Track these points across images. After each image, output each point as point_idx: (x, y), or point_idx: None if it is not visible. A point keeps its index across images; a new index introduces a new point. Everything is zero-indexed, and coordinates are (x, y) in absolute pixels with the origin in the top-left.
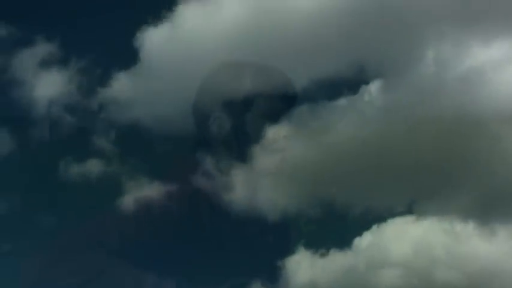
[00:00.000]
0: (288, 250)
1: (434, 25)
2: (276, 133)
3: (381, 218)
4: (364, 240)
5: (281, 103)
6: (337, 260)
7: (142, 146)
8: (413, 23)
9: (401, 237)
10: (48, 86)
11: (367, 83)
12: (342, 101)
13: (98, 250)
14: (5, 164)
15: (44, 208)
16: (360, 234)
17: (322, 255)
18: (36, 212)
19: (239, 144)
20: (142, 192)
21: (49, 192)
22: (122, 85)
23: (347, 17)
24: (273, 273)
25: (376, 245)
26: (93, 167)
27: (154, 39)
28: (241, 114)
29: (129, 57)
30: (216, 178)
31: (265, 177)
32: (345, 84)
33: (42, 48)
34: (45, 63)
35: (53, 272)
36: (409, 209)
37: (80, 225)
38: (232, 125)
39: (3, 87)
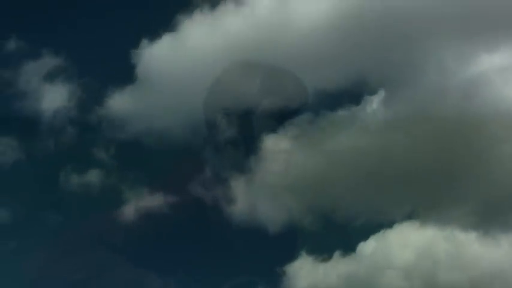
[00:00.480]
0: (290, 256)
1: (436, 37)
2: (278, 143)
3: (383, 225)
4: (368, 247)
5: (283, 112)
6: (339, 266)
7: (143, 158)
8: (415, 35)
9: (404, 244)
10: (52, 99)
11: (369, 94)
12: (345, 112)
13: (97, 260)
14: (8, 172)
15: (46, 213)
16: (362, 240)
17: (324, 260)
18: (38, 217)
19: (239, 154)
20: (142, 203)
21: (51, 198)
22: (123, 99)
23: (350, 30)
24: (275, 279)
25: (379, 251)
26: (94, 177)
27: (154, 55)
28: (242, 124)
29: (129, 72)
30: (217, 188)
31: (266, 187)
32: (347, 96)
33: (49, 62)
34: (51, 77)
35: (52, 270)
36: (411, 217)
37: (80, 232)
38: (232, 135)
39: (10, 99)
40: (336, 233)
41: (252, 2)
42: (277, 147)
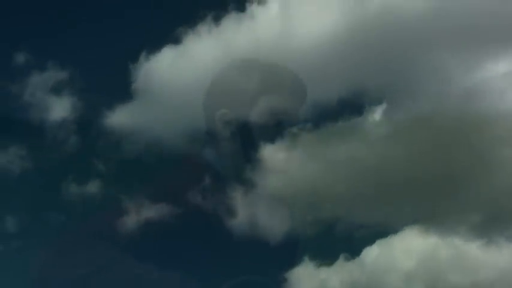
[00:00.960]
0: (291, 265)
1: (439, 48)
2: (278, 153)
3: (386, 232)
4: (371, 253)
5: (284, 121)
6: (343, 272)
7: (142, 169)
8: (418, 46)
9: (407, 251)
10: (55, 111)
11: (371, 104)
12: (346, 123)
13: (95, 270)
14: (12, 183)
15: (49, 218)
16: (366, 246)
17: (327, 265)
18: (41, 222)
19: (239, 164)
20: (141, 215)
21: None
22: (125, 111)
23: (352, 43)
24: (277, 285)
25: (382, 258)
26: (95, 188)
27: (155, 68)
28: (242, 134)
29: (131, 85)
30: (217, 198)
31: (267, 197)
32: (349, 106)
33: (54, 75)
34: (55, 89)
35: (53, 277)
36: (414, 224)
37: (80, 238)
38: (232, 146)
39: (16, 110)
40: (339, 240)
41: (256, 16)
42: (277, 157)
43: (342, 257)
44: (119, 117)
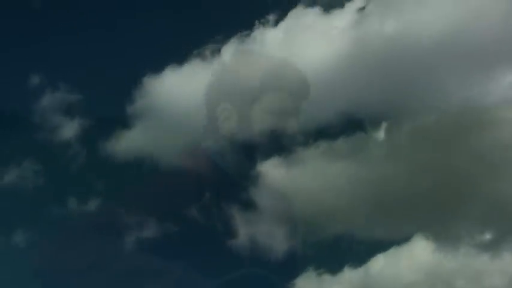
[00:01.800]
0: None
1: (438, 70)
2: (278, 170)
3: (391, 244)
4: (375, 265)
5: (284, 139)
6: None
7: (143, 190)
8: (418, 67)
9: (412, 263)
10: (62, 132)
11: (372, 122)
12: (348, 140)
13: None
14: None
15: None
16: (369, 259)
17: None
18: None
19: (239, 182)
20: (144, 233)
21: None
22: (127, 134)
23: (352, 64)
24: None
25: (387, 270)
26: (95, 206)
27: (160, 90)
28: (243, 152)
29: (136, 106)
30: (218, 217)
31: (267, 215)
32: (350, 124)
33: (64, 97)
34: (65, 111)
35: None
36: (418, 239)
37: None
38: (232, 164)
39: (27, 128)
40: (342, 254)
41: (258, 41)
42: (279, 173)
43: (346, 269)
44: (121, 139)
